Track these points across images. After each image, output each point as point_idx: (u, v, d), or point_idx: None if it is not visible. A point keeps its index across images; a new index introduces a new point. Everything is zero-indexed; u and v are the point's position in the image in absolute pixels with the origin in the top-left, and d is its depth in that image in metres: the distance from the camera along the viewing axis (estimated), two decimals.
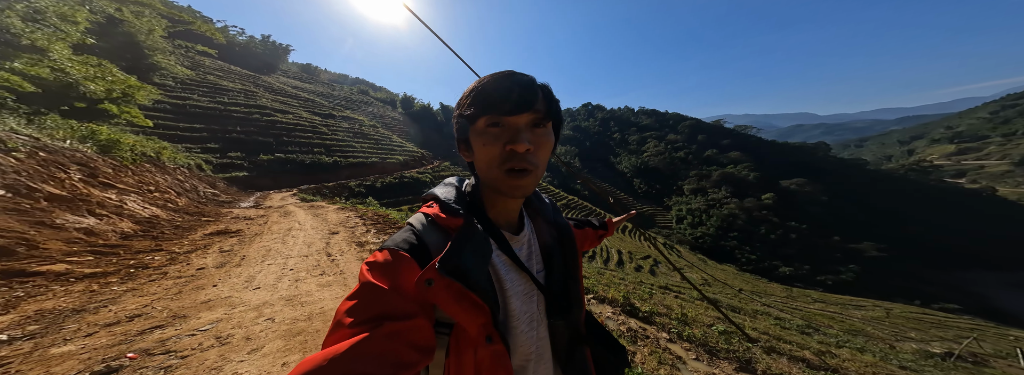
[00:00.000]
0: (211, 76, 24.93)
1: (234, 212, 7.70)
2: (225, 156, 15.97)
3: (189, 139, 15.50)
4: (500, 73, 0.47)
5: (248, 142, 18.04)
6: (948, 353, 7.71)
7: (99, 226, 3.94)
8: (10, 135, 4.41)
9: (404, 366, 0.35)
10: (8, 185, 3.57)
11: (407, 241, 0.47)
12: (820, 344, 5.43)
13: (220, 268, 3.13)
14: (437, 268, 0.41)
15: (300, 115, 25.82)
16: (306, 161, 19.38)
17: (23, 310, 2.05)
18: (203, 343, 1.78)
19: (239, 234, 4.84)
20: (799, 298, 20.36)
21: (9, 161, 3.94)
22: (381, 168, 24.20)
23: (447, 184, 0.57)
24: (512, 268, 0.51)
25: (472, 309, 0.43)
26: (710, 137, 79.36)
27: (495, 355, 0.44)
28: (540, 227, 0.59)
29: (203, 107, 18.92)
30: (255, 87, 28.14)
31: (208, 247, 3.97)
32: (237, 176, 14.90)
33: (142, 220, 4.79)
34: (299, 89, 38.19)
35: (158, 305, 2.24)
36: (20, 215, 3.32)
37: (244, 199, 11.43)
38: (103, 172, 5.44)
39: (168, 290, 2.53)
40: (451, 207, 0.50)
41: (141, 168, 7.25)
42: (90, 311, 2.10)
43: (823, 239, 53.42)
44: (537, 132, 0.47)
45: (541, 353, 0.52)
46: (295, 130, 22.36)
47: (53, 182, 4.19)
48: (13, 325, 1.88)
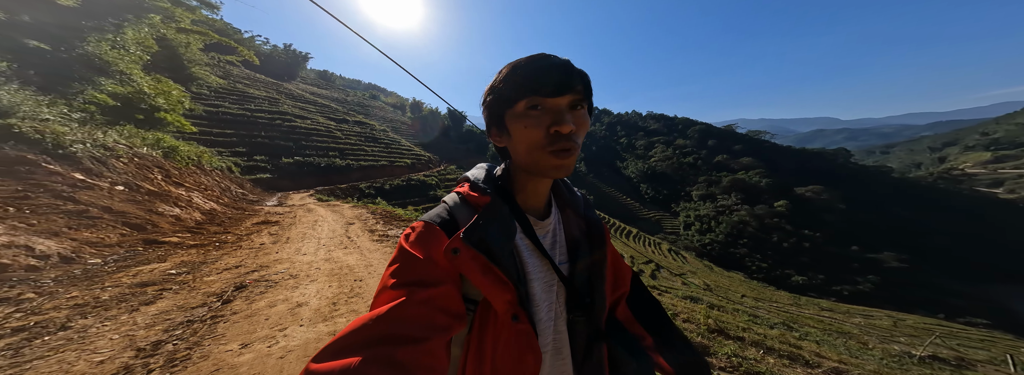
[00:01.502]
0: (240, 85, 27.34)
1: (265, 208, 9.19)
2: (251, 159, 17.83)
3: (221, 143, 17.43)
4: (535, 55, 0.47)
5: (271, 146, 19.95)
6: (908, 352, 8.25)
7: (182, 214, 5.37)
8: (116, 144, 5.93)
9: (438, 329, 0.39)
10: (125, 182, 5.04)
11: (439, 216, 0.51)
12: (780, 335, 5.87)
13: (274, 244, 4.45)
14: (461, 238, 0.44)
15: (317, 120, 27.89)
16: (322, 164, 21.15)
17: (172, 260, 3.39)
18: (282, 277, 3.06)
19: (278, 224, 6.21)
20: (806, 306, 20.26)
21: (119, 165, 5.44)
22: (390, 171, 25.84)
23: (479, 167, 0.59)
24: (534, 253, 0.52)
25: (498, 283, 0.44)
26: (721, 142, 78.67)
27: (522, 335, 0.44)
28: (569, 219, 0.59)
29: (233, 114, 21.04)
30: (278, 94, 30.54)
31: (260, 232, 5.33)
32: (261, 178, 16.69)
33: (206, 212, 6.24)
34: (317, 95, 40.79)
35: (247, 261, 3.54)
36: (137, 205, 4.75)
37: (268, 198, 13.04)
38: (173, 173, 6.97)
39: (248, 254, 3.85)
40: (479, 186, 0.53)
41: (190, 170, 8.83)
42: (209, 263, 3.42)
43: (840, 248, 52.09)
44: (577, 113, 0.47)
45: (559, 348, 0.52)
46: (312, 134, 24.31)
47: (147, 181, 5.67)
48: (173, 267, 3.21)
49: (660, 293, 7.30)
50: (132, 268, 3.05)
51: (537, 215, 0.56)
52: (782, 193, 58.56)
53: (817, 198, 58.52)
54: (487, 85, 0.51)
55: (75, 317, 2.09)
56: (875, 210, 60.27)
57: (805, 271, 46.99)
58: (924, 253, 53.72)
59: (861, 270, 48.44)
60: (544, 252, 0.52)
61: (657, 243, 38.66)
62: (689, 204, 62.33)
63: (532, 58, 0.47)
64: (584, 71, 0.49)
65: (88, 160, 4.78)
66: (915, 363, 7.59)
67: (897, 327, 17.15)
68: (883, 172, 78.06)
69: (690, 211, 59.30)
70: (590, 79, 0.49)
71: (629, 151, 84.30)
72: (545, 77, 0.45)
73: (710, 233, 52.82)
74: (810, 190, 59.72)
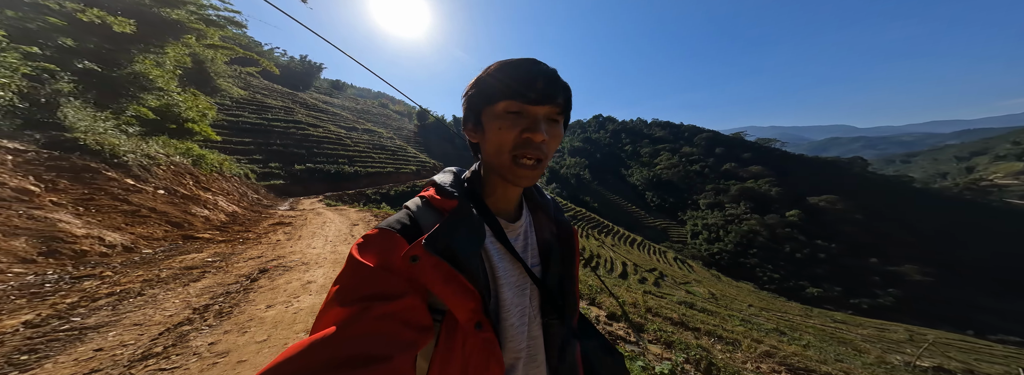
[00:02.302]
0: (259, 95, 29.19)
1: (279, 212, 10.07)
2: (266, 166, 19.04)
3: (239, 151, 18.73)
4: (525, 59, 0.47)
5: (285, 154, 21.22)
6: (909, 363, 8.29)
7: (210, 215, 6.20)
8: (157, 154, 6.87)
9: (402, 345, 0.35)
10: (165, 187, 5.91)
11: (400, 221, 0.47)
12: (758, 335, 6.16)
13: (288, 241, 5.19)
14: (423, 244, 0.41)
15: (328, 129, 29.37)
16: (331, 171, 22.29)
17: (207, 252, 4.15)
18: (296, 263, 3.76)
19: (291, 225, 6.99)
20: (818, 317, 19.63)
21: (160, 172, 6.35)
22: (396, 178, 26.88)
23: (446, 171, 0.57)
24: (506, 257, 0.51)
25: (461, 292, 0.42)
26: (729, 150, 78.06)
27: (484, 343, 0.43)
28: (540, 222, 0.58)
29: (252, 123, 22.53)
30: (293, 104, 32.34)
31: (276, 231, 6.10)
32: (275, 184, 17.80)
33: (229, 214, 7.08)
34: (328, 104, 42.82)
35: (266, 253, 4.27)
36: (174, 206, 5.59)
37: (281, 203, 14.02)
38: (201, 179, 7.89)
39: (267, 248, 4.59)
40: (446, 190, 0.51)
41: (214, 177, 9.81)
42: (236, 254, 4.16)
43: (858, 260, 50.47)
44: (552, 126, 0.47)
45: (533, 354, 0.51)
46: (324, 142, 25.65)
47: (181, 186, 6.55)
48: (209, 256, 3.96)
49: (654, 296, 7.71)
50: (177, 257, 3.81)
51: (508, 218, 0.55)
52: (794, 202, 57.45)
53: (831, 208, 57.16)
54: (473, 78, 0.50)
55: (146, 288, 2.81)
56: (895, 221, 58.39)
57: (820, 283, 45.63)
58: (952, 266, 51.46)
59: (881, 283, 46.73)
60: (516, 255, 0.52)
61: (663, 252, 38.37)
62: (696, 213, 61.68)
63: (522, 61, 0.47)
64: (568, 85, 0.49)
65: (136, 168, 5.68)
66: (909, 370, 7.69)
67: (913, 340, 16.63)
68: (904, 182, 75.76)
69: (697, 220, 58.65)
70: (572, 94, 0.49)
71: (634, 159, 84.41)
72: (532, 83, 0.45)
73: (719, 242, 52.03)
74: (824, 199, 58.44)
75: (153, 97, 8.92)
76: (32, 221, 3.20)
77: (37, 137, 4.89)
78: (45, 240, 3.07)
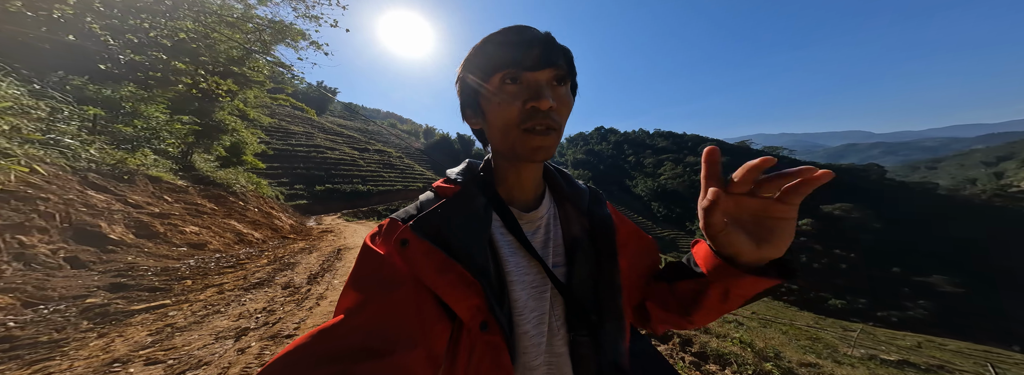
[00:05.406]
0: (283, 122, 33.48)
1: (312, 225, 13.02)
2: (292, 188, 22.38)
3: (269, 176, 22.17)
4: (511, 27, 0.43)
5: (307, 176, 24.68)
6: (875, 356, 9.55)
7: (282, 225, 9.10)
8: (244, 186, 9.94)
9: (404, 338, 0.35)
10: (256, 207, 8.90)
11: (407, 212, 0.48)
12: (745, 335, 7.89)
13: (338, 239, 7.98)
14: (411, 226, 0.40)
15: (344, 151, 33.18)
16: (347, 190, 25.56)
17: (299, 244, 6.97)
18: (353, 247, 6.53)
19: (333, 232, 9.83)
20: (832, 327, 19.10)
21: (249, 196, 9.38)
22: (404, 194, 30.01)
23: (463, 162, 0.56)
24: (519, 251, 0.47)
25: (460, 285, 0.39)
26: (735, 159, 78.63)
27: (489, 346, 0.39)
28: (568, 214, 0.53)
29: (278, 149, 26.30)
30: (312, 129, 36.62)
31: (326, 235, 8.92)
32: (300, 204, 21.01)
33: (289, 227, 10.00)
34: (343, 126, 47.38)
35: (333, 244, 7.04)
36: (266, 219, 8.51)
37: (308, 220, 17.07)
38: (265, 203, 10.94)
39: (329, 242, 7.36)
40: (451, 177, 0.51)
41: (268, 199, 12.91)
42: (316, 245, 6.95)
43: (881, 270, 50.05)
44: (559, 90, 0.43)
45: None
46: (340, 164, 29.23)
47: (257, 209, 9.54)
48: (304, 245, 6.78)
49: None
50: (287, 246, 6.61)
51: (523, 207, 0.51)
52: (807, 211, 57.96)
53: (847, 216, 57.31)
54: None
55: (288, 259, 5.59)
56: (919, 229, 57.78)
57: (843, 295, 45.29)
58: (983, 276, 50.34)
59: (911, 295, 46.02)
60: (531, 250, 0.47)
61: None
62: None
63: (509, 29, 0.43)
64: (567, 47, 0.45)
65: (240, 194, 8.71)
66: (877, 364, 9.10)
67: (922, 347, 17.07)
68: (927, 189, 74.91)
69: None
70: (573, 57, 0.45)
71: (638, 169, 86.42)
72: (525, 48, 0.41)
73: None
74: (838, 208, 58.72)
75: (228, 137, 12.25)
76: (226, 225, 6.11)
77: (184, 175, 7.97)
78: (236, 234, 5.95)
